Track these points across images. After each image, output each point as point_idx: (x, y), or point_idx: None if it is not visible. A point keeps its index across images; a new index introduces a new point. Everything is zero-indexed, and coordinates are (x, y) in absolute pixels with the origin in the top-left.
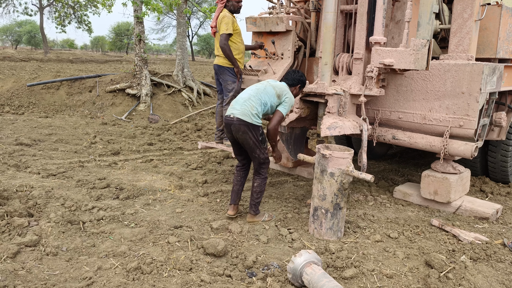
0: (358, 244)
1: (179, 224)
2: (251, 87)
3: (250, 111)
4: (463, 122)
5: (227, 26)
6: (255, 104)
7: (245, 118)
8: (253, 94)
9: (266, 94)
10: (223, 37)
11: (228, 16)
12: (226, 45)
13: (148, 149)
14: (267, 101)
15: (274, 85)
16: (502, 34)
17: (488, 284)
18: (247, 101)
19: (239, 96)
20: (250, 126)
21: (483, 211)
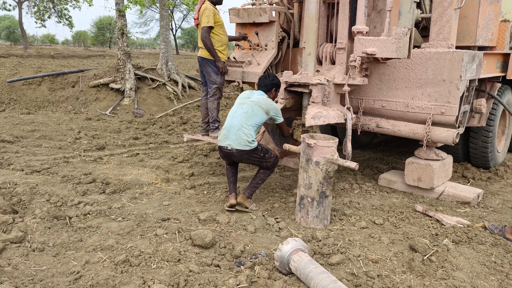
0: (344, 231)
1: (166, 216)
2: (238, 110)
3: (247, 140)
4: (445, 109)
5: (208, 19)
6: (249, 131)
7: (244, 148)
8: (244, 121)
9: (256, 116)
10: (204, 30)
11: (209, 9)
12: (207, 38)
13: (134, 144)
14: (259, 122)
15: (258, 102)
16: (481, 22)
17: (470, 265)
18: (240, 129)
19: (231, 123)
20: (250, 152)
21: (465, 196)
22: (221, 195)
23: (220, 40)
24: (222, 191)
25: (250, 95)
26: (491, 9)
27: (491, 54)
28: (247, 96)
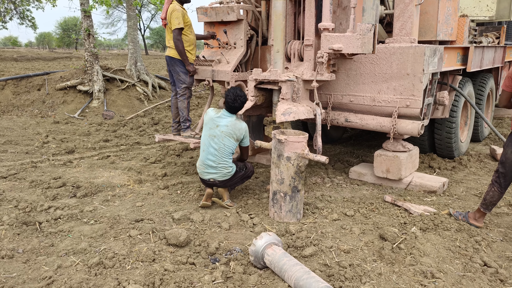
0: (316, 224)
1: (140, 217)
2: (210, 146)
3: (226, 170)
4: (409, 102)
5: (179, 20)
6: (227, 163)
7: (226, 178)
8: (219, 158)
9: (228, 147)
10: (176, 33)
11: (178, 9)
12: (179, 41)
13: (104, 146)
14: (232, 150)
15: (229, 133)
16: (441, 18)
17: (436, 251)
18: (219, 165)
19: (207, 159)
20: (232, 177)
21: (431, 185)
22: (195, 194)
23: (188, 41)
24: (196, 190)
25: (217, 121)
26: (450, 5)
27: (452, 48)
28: (215, 123)
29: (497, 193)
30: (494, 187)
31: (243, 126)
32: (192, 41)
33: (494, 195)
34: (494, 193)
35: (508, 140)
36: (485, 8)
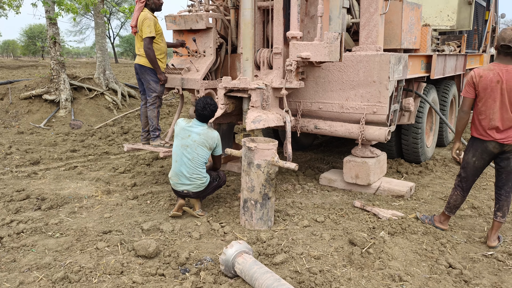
0: (287, 231)
1: (108, 229)
2: (183, 157)
3: (200, 181)
4: (376, 108)
5: (150, 29)
6: (200, 173)
7: (200, 189)
8: (193, 169)
9: (201, 157)
10: (147, 41)
11: (149, 18)
12: (150, 49)
13: (72, 156)
14: (205, 159)
15: (202, 142)
16: (405, 27)
17: (404, 254)
18: (192, 176)
19: (180, 170)
20: (206, 188)
21: (398, 190)
22: (165, 204)
23: (159, 49)
24: (166, 200)
25: (189, 131)
26: (413, 15)
27: (416, 56)
28: (187, 133)
29: (460, 196)
30: (457, 191)
31: (215, 134)
32: (163, 49)
33: (457, 199)
34: (457, 197)
35: (469, 145)
36: (446, 18)
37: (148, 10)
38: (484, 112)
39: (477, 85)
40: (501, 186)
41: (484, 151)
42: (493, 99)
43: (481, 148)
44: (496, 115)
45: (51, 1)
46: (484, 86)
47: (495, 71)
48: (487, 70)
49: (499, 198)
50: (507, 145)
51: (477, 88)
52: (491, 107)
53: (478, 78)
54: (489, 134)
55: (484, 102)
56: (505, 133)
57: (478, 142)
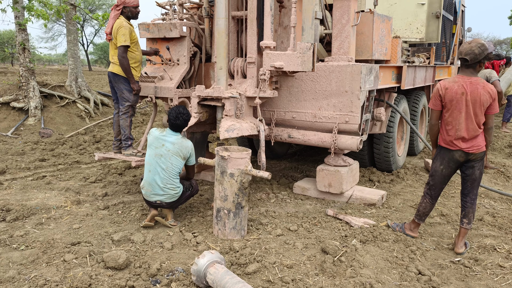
0: (260, 240)
1: (76, 240)
2: (157, 166)
3: (174, 192)
4: (348, 118)
5: (125, 37)
6: (174, 183)
7: (174, 199)
8: (167, 179)
9: (175, 166)
10: (121, 50)
11: (125, 26)
12: (124, 58)
13: (40, 166)
14: (179, 169)
15: (176, 151)
16: (376, 38)
17: (375, 262)
18: (166, 186)
19: (153, 180)
20: (179, 199)
21: (370, 198)
22: (137, 214)
23: (134, 58)
24: (138, 210)
25: (163, 140)
26: (384, 27)
27: (387, 67)
28: (160, 142)
29: (429, 204)
30: (426, 198)
31: (189, 144)
32: (138, 58)
33: (426, 206)
34: (426, 204)
35: (436, 154)
36: (416, 31)
37: (124, 18)
38: (450, 122)
39: (443, 97)
40: (467, 193)
41: (450, 160)
42: (459, 110)
43: (448, 157)
44: (462, 125)
45: (20, 7)
46: (450, 98)
47: (459, 83)
48: (452, 82)
49: (465, 205)
50: (472, 154)
51: (443, 100)
52: (457, 118)
53: (444, 90)
54: (455, 144)
55: (450, 113)
56: (470, 142)
57: (445, 151)
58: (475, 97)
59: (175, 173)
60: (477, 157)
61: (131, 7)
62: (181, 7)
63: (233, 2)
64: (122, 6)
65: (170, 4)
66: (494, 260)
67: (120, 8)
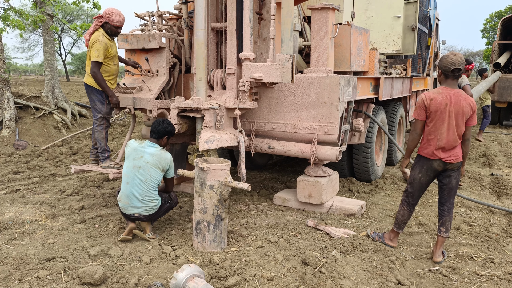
0: (241, 252)
1: (51, 256)
2: (135, 178)
3: (152, 204)
4: (328, 129)
5: (98, 53)
6: (153, 196)
7: (151, 212)
8: (145, 191)
9: (154, 178)
10: (93, 65)
11: (100, 41)
12: (96, 73)
13: (14, 179)
14: (158, 181)
15: (155, 163)
16: (354, 50)
17: (355, 273)
18: (144, 198)
19: (131, 192)
20: (157, 211)
21: (350, 208)
22: (114, 227)
23: (108, 71)
24: (116, 223)
25: (142, 152)
26: (361, 39)
27: (365, 78)
28: (139, 153)
29: (407, 211)
30: (404, 206)
31: (168, 156)
32: (113, 71)
33: (404, 214)
34: (404, 212)
35: (416, 163)
36: (392, 43)
37: (103, 32)
38: (433, 132)
39: (428, 108)
40: (444, 202)
41: (429, 168)
42: (442, 120)
43: (427, 166)
44: (443, 135)
45: None
46: (434, 109)
47: (443, 95)
48: (437, 93)
49: (442, 214)
50: (449, 164)
51: (428, 110)
52: (439, 128)
53: (429, 100)
54: (435, 154)
55: (434, 123)
56: (449, 152)
57: (424, 160)
58: (457, 109)
59: (154, 185)
60: (454, 167)
61: (112, 25)
62: (160, 18)
63: (212, 13)
64: (104, 20)
65: (149, 15)
66: (471, 269)
67: (101, 21)
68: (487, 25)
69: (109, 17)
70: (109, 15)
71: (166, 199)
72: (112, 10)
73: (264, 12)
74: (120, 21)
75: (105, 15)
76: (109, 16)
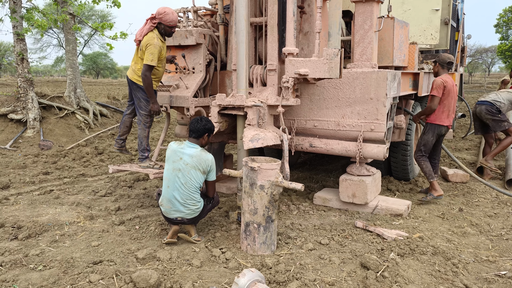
0: (293, 255)
1: (98, 259)
2: (176, 181)
3: (195, 207)
4: (374, 126)
5: (153, 57)
6: (194, 199)
7: (194, 215)
8: (187, 194)
9: (195, 181)
10: (145, 68)
11: (155, 44)
12: (147, 77)
13: (45, 179)
14: (200, 183)
15: (194, 165)
16: (396, 44)
17: (420, 277)
18: (186, 202)
19: (173, 196)
20: (201, 213)
21: (397, 208)
22: (156, 229)
23: (156, 74)
24: (156, 225)
25: (181, 153)
26: (402, 33)
27: (405, 73)
28: (178, 155)
29: (428, 162)
30: (423, 161)
31: (209, 157)
32: (161, 74)
33: (427, 165)
34: (426, 164)
35: (428, 129)
36: (430, 37)
37: (158, 33)
38: (447, 105)
39: (445, 88)
40: (435, 157)
41: (438, 133)
42: (452, 97)
43: (438, 131)
44: (452, 108)
45: (19, 16)
46: (448, 89)
47: (450, 78)
48: (447, 77)
49: (434, 164)
50: (448, 130)
51: (445, 90)
52: (450, 102)
53: (445, 83)
54: (446, 122)
55: (448, 99)
56: (451, 121)
57: (436, 127)
58: (455, 89)
59: (195, 188)
60: (447, 132)
61: (166, 25)
62: (196, 14)
63: (251, 8)
64: (158, 21)
65: (184, 11)
66: None
67: (155, 22)
68: (501, 20)
69: (162, 17)
70: (162, 15)
71: (208, 199)
72: (164, 10)
73: (306, 5)
74: (174, 20)
75: (158, 15)
76: (162, 16)
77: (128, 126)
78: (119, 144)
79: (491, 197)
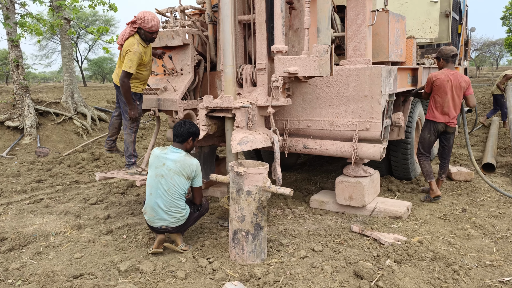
0: (283, 264)
1: (78, 272)
2: (159, 187)
3: (181, 216)
4: (369, 124)
5: (131, 63)
6: (179, 206)
7: (179, 223)
8: (170, 201)
9: (179, 188)
10: (123, 75)
11: (134, 51)
12: (125, 83)
13: (37, 187)
14: (184, 190)
15: (178, 170)
16: (392, 39)
17: (417, 286)
18: (170, 210)
19: (156, 203)
20: (186, 222)
21: (396, 210)
22: (144, 238)
23: (139, 78)
24: (144, 233)
25: (164, 159)
26: (398, 26)
27: (403, 69)
28: (161, 161)
29: (427, 161)
30: (423, 160)
31: (194, 162)
32: (145, 77)
33: (426, 165)
34: (426, 163)
35: (424, 126)
36: (429, 30)
37: (138, 38)
38: (439, 101)
39: (433, 83)
40: (445, 157)
41: (435, 130)
42: (445, 93)
43: (434, 127)
44: (447, 103)
45: (12, 23)
46: (439, 84)
47: (445, 74)
48: (440, 73)
49: (444, 165)
50: (449, 127)
51: (433, 85)
52: (444, 98)
53: (435, 78)
54: (440, 118)
55: (440, 95)
56: (449, 117)
57: (432, 123)
58: (456, 84)
59: (179, 195)
60: (452, 131)
61: (146, 30)
62: (183, 14)
63: (239, 5)
64: (138, 26)
65: (170, 11)
66: None
67: (135, 27)
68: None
69: (142, 22)
70: (142, 20)
71: (195, 206)
72: (144, 15)
73: (295, 1)
74: (154, 25)
75: (138, 20)
76: (142, 21)
77: (117, 128)
78: (108, 145)
79: (497, 195)
